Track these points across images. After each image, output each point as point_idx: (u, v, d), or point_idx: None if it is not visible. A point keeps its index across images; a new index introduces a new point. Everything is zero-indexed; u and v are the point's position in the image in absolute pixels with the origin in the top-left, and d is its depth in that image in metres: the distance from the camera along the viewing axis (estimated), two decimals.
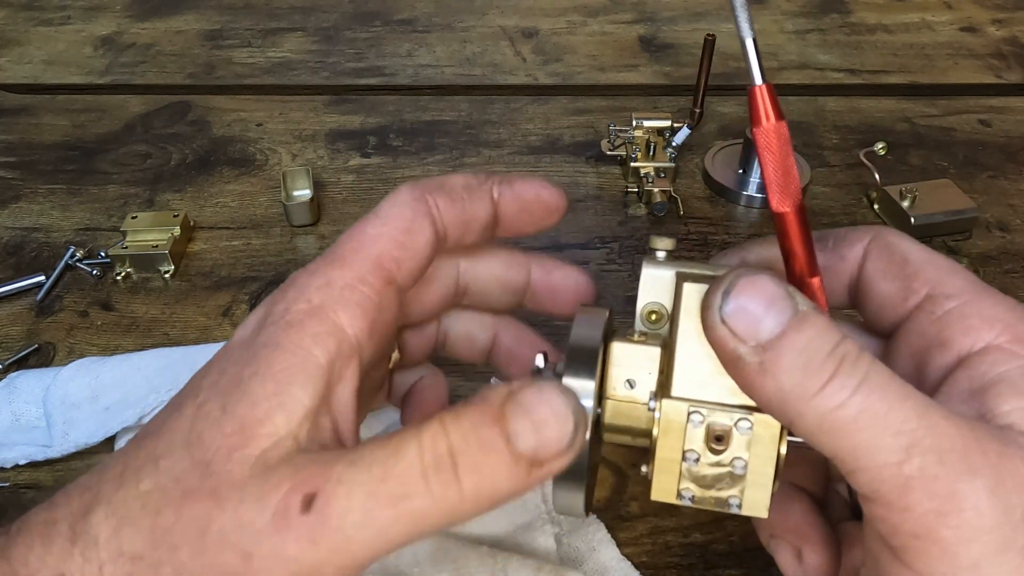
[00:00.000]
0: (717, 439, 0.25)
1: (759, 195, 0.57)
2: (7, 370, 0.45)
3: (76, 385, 0.41)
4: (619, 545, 0.36)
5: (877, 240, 0.28)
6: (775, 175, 0.26)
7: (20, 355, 0.46)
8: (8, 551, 0.22)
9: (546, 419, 0.21)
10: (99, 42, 0.80)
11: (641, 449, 0.27)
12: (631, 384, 0.26)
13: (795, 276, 0.26)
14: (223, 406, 0.22)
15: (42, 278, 0.51)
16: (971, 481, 0.21)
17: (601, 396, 0.26)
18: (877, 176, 0.55)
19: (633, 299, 0.28)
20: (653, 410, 0.25)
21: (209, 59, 0.77)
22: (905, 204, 0.53)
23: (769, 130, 0.26)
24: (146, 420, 0.39)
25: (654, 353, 0.26)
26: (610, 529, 0.37)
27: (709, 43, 0.56)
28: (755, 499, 0.25)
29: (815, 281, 0.26)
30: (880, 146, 0.55)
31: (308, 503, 0.21)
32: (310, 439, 0.22)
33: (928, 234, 0.54)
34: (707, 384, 0.25)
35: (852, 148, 0.63)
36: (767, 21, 0.83)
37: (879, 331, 0.29)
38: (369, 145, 0.64)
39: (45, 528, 0.22)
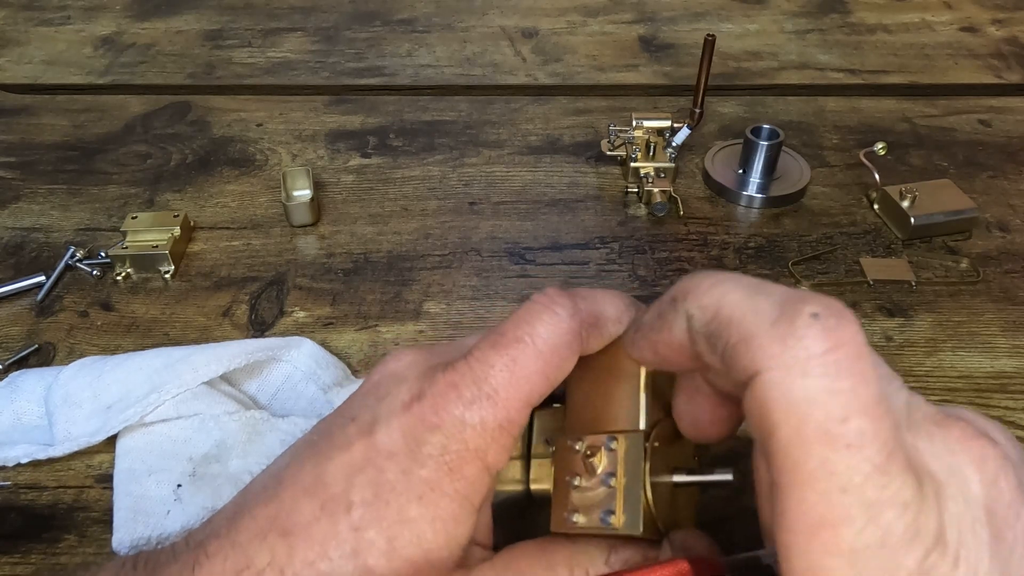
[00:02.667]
0: (588, 455, 0.26)
1: (759, 195, 0.57)
2: (7, 370, 0.45)
3: (78, 384, 0.41)
4: None
5: (695, 299, 0.23)
6: None
7: (20, 355, 0.46)
8: None
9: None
10: (99, 42, 0.80)
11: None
12: (548, 442, 0.30)
13: None
14: (389, 540, 0.24)
15: (42, 278, 0.51)
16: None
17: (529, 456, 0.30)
18: (877, 176, 0.55)
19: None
20: (552, 451, 0.28)
21: (209, 59, 0.77)
22: (905, 204, 0.53)
23: None
24: (147, 419, 0.39)
25: (561, 413, 0.29)
26: None
27: (709, 43, 0.56)
28: (630, 517, 0.26)
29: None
30: (880, 146, 0.55)
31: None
32: (462, 561, 0.25)
33: (928, 234, 0.54)
34: (593, 422, 0.28)
35: (852, 148, 0.63)
36: (767, 21, 0.83)
37: (708, 417, 0.27)
38: (369, 145, 0.64)
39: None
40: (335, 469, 0.25)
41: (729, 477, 0.27)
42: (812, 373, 0.20)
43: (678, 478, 0.28)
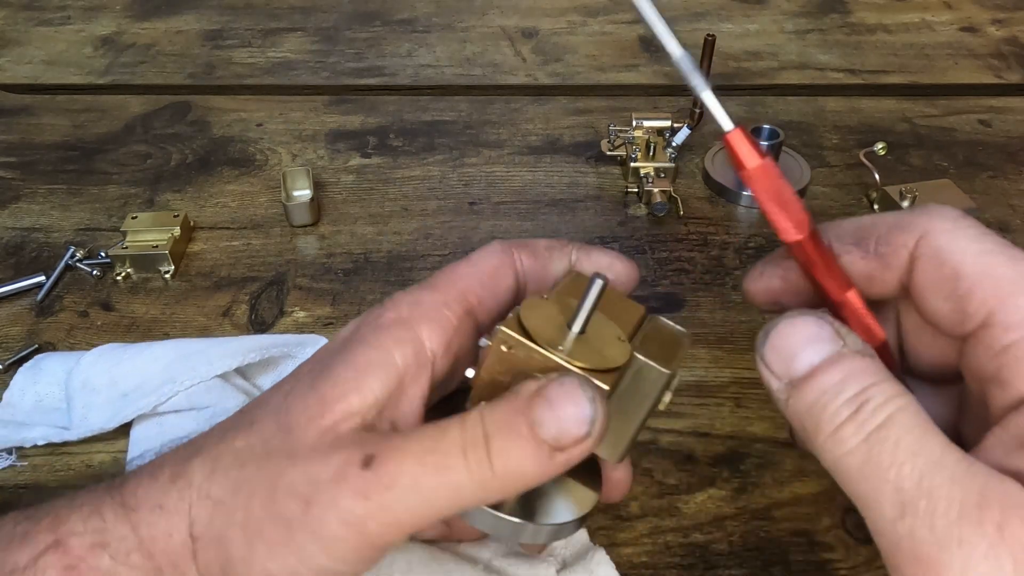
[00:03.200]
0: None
1: None
2: (7, 370, 0.45)
3: (97, 370, 0.42)
4: (619, 545, 0.37)
5: (926, 243, 0.26)
6: (776, 210, 0.26)
7: (20, 355, 0.46)
8: (120, 487, 0.27)
9: (567, 410, 0.24)
10: (99, 42, 0.80)
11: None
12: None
13: (827, 301, 0.26)
14: (311, 384, 0.26)
15: (42, 278, 0.51)
16: (957, 550, 0.20)
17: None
18: (877, 176, 0.55)
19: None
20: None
21: (209, 59, 0.77)
22: (905, 204, 0.53)
23: (757, 171, 0.26)
24: (161, 409, 0.40)
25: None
26: (610, 529, 0.37)
27: (709, 43, 0.56)
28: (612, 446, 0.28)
29: (851, 297, 0.26)
30: (880, 146, 0.55)
31: (367, 463, 0.24)
32: (374, 424, 0.26)
33: None
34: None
35: (852, 148, 0.63)
36: (767, 21, 0.83)
37: (931, 356, 0.28)
38: (369, 145, 0.64)
39: (152, 470, 0.27)
40: (303, 364, 0.29)
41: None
42: None
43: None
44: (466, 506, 0.25)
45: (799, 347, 0.24)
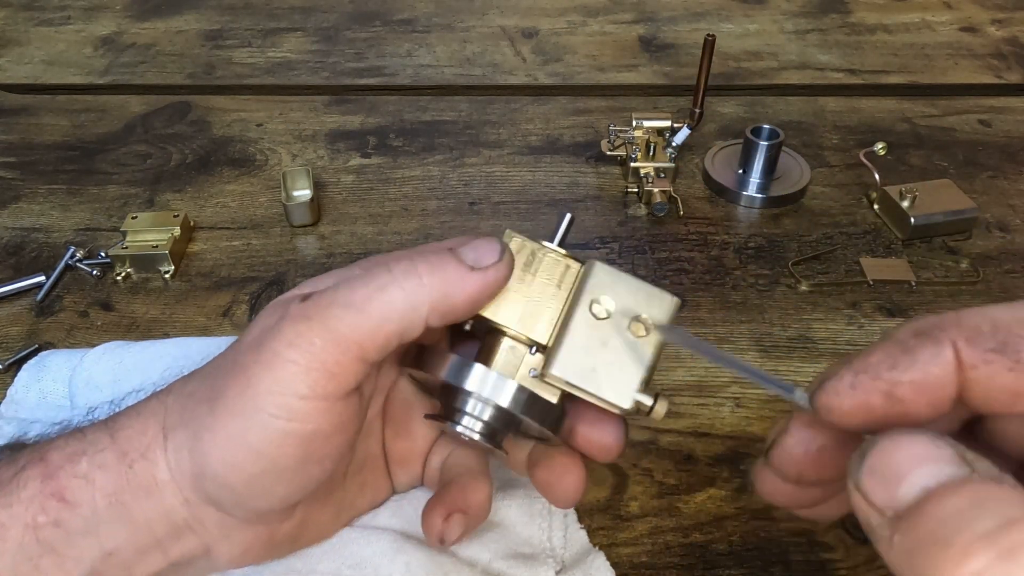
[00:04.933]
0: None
1: (759, 195, 0.57)
2: (7, 370, 0.45)
3: (101, 368, 0.42)
4: (619, 545, 0.37)
5: (962, 329, 0.20)
6: None
7: (20, 355, 0.46)
8: (106, 417, 0.30)
9: (480, 243, 0.28)
10: (99, 42, 0.80)
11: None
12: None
13: None
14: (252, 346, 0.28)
15: (42, 278, 0.51)
16: None
17: None
18: (877, 176, 0.55)
19: None
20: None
21: (209, 59, 0.77)
22: (905, 204, 0.53)
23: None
24: None
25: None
26: (610, 529, 0.37)
27: (709, 43, 0.56)
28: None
29: None
30: (880, 146, 0.55)
31: (306, 297, 0.27)
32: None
33: (928, 234, 0.54)
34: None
35: (852, 148, 0.63)
36: (767, 21, 0.83)
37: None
38: (369, 145, 0.64)
39: (136, 402, 0.30)
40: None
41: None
42: None
43: None
44: (399, 317, 0.26)
45: (909, 468, 0.18)
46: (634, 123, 0.60)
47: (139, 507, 0.28)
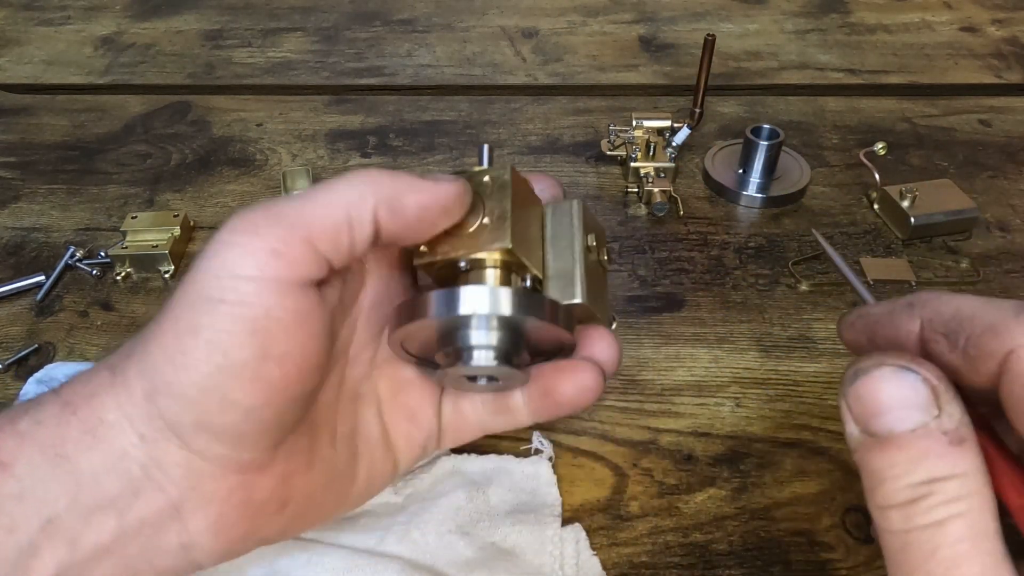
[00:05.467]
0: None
1: (759, 195, 0.57)
2: (7, 370, 0.45)
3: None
4: (619, 545, 0.36)
5: (1017, 360, 0.22)
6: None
7: (20, 355, 0.46)
8: (60, 386, 0.27)
9: (438, 174, 0.28)
10: (99, 42, 0.80)
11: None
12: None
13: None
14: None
15: (42, 278, 0.51)
16: None
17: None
18: (877, 176, 0.55)
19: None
20: None
21: (209, 59, 0.77)
22: (905, 204, 0.53)
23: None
24: None
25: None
26: (610, 529, 0.37)
27: (709, 43, 0.56)
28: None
29: None
30: (880, 146, 0.55)
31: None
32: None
33: (928, 234, 0.54)
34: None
35: (852, 148, 0.63)
36: (767, 21, 0.83)
37: None
38: (369, 145, 0.64)
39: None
40: None
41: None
42: None
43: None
44: (350, 204, 0.26)
45: (886, 406, 0.23)
46: (634, 123, 0.60)
47: (84, 458, 0.25)
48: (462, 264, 0.30)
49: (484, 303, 0.27)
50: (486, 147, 0.32)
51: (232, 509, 0.26)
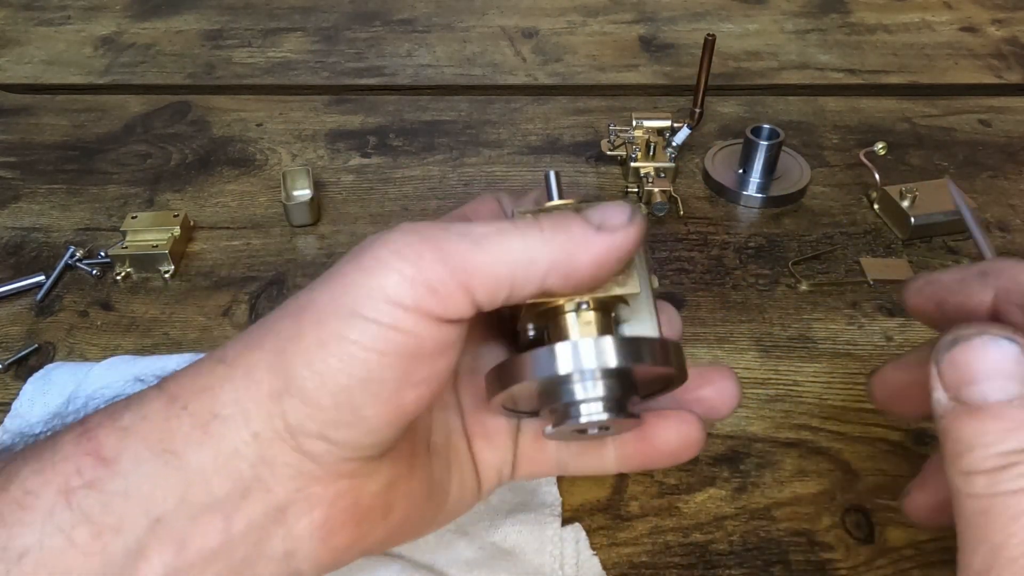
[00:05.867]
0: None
1: (759, 195, 0.57)
2: (7, 370, 0.45)
3: (106, 383, 0.41)
4: (619, 545, 0.36)
5: (1005, 280, 0.26)
6: None
7: (20, 355, 0.46)
8: (160, 381, 0.26)
9: (608, 206, 0.26)
10: (99, 42, 0.80)
11: None
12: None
13: None
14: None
15: (42, 278, 0.51)
16: None
17: None
18: (877, 176, 0.55)
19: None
20: None
21: (209, 59, 0.77)
22: (905, 204, 0.53)
23: None
24: None
25: None
26: (610, 529, 0.37)
27: (709, 43, 0.56)
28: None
29: None
30: (880, 146, 0.55)
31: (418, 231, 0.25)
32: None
33: (928, 234, 0.54)
34: None
35: (852, 148, 0.63)
36: (767, 21, 0.83)
37: None
38: (369, 145, 0.64)
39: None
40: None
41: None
42: None
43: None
44: (513, 264, 0.24)
45: (983, 375, 0.23)
46: (634, 123, 0.60)
47: (193, 455, 0.23)
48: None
49: (590, 358, 0.25)
50: (552, 174, 0.29)
51: (338, 513, 0.25)
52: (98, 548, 0.23)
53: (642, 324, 0.29)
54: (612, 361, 0.25)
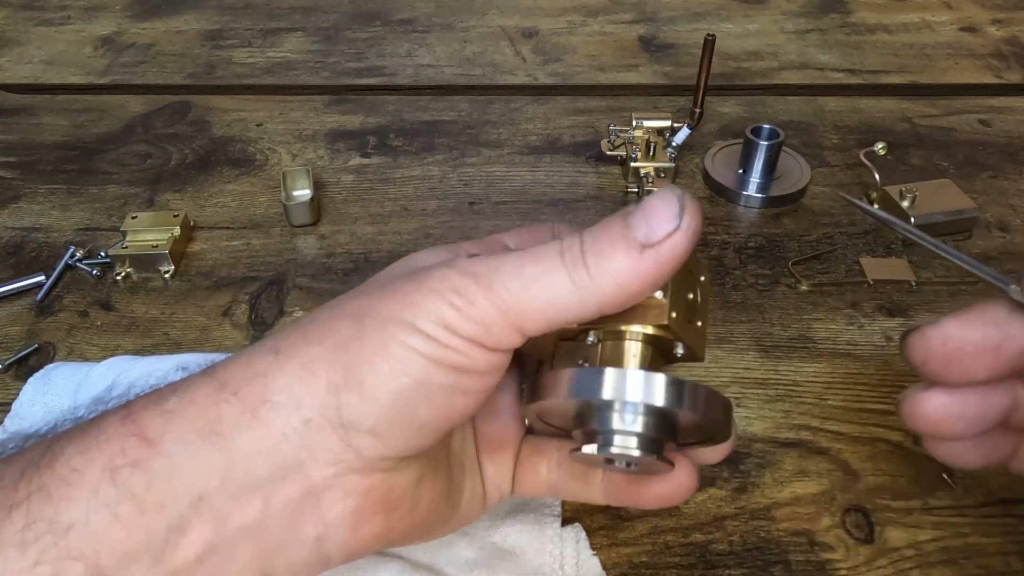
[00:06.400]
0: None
1: (759, 195, 0.57)
2: (7, 370, 0.45)
3: (106, 384, 0.41)
4: (619, 545, 0.36)
5: None
6: None
7: (20, 355, 0.46)
8: (208, 368, 0.27)
9: (655, 206, 0.25)
10: (99, 42, 0.80)
11: None
12: None
13: None
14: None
15: (42, 278, 0.51)
16: None
17: None
18: (877, 176, 0.55)
19: None
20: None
21: (209, 59, 0.77)
22: (905, 204, 0.53)
23: None
24: None
25: None
26: (610, 529, 0.37)
27: (709, 43, 0.56)
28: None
29: None
30: (880, 146, 0.55)
31: (472, 255, 0.26)
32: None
33: (928, 234, 0.54)
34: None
35: (852, 148, 0.63)
36: (767, 21, 0.83)
37: None
38: (369, 145, 0.64)
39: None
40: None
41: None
42: None
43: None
44: (564, 307, 0.25)
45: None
46: (634, 123, 0.60)
47: (240, 437, 0.24)
48: (591, 337, 0.28)
49: (636, 391, 0.25)
50: None
51: (371, 503, 0.26)
52: (141, 524, 0.24)
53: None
54: (659, 400, 0.25)
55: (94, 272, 0.52)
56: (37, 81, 0.74)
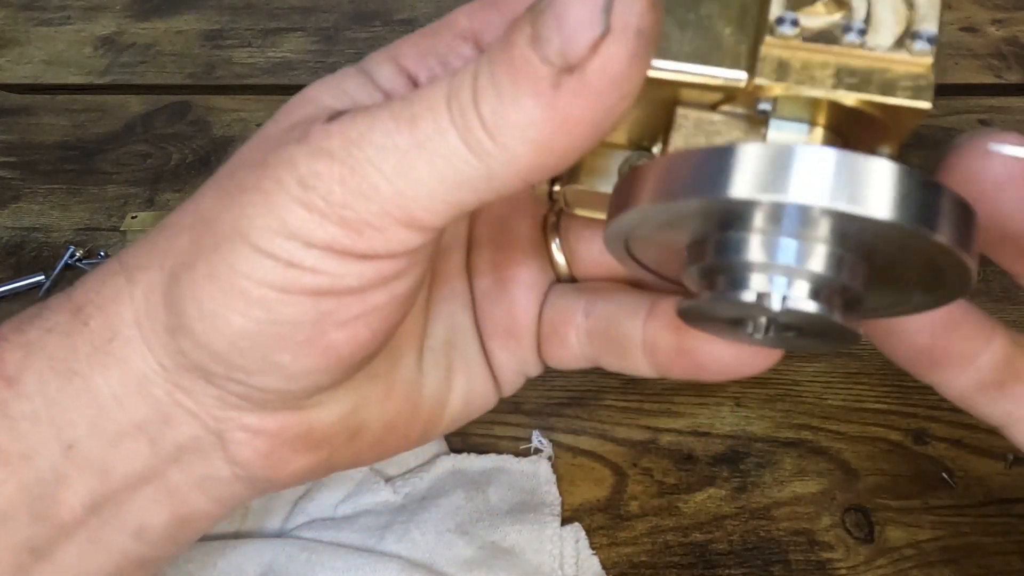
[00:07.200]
0: None
1: None
2: None
3: None
4: (619, 545, 0.36)
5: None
6: None
7: None
8: (73, 284, 0.22)
9: (572, 9, 0.15)
10: (99, 42, 0.80)
11: None
12: None
13: None
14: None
15: (42, 278, 0.51)
16: None
17: None
18: None
19: None
20: None
21: (209, 59, 0.77)
22: None
23: None
24: None
25: None
26: (610, 529, 0.37)
27: None
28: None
29: None
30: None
31: (333, 117, 0.19)
32: None
33: None
34: None
35: None
36: None
37: None
38: None
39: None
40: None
41: None
42: None
43: None
44: (468, 186, 0.17)
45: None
46: None
47: (99, 377, 0.20)
48: (763, 104, 0.17)
49: (821, 188, 0.14)
50: None
51: (285, 443, 0.22)
52: (9, 477, 0.20)
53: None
54: (879, 211, 0.13)
55: None
56: (37, 81, 0.74)
